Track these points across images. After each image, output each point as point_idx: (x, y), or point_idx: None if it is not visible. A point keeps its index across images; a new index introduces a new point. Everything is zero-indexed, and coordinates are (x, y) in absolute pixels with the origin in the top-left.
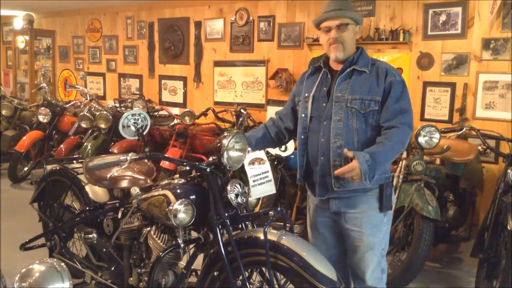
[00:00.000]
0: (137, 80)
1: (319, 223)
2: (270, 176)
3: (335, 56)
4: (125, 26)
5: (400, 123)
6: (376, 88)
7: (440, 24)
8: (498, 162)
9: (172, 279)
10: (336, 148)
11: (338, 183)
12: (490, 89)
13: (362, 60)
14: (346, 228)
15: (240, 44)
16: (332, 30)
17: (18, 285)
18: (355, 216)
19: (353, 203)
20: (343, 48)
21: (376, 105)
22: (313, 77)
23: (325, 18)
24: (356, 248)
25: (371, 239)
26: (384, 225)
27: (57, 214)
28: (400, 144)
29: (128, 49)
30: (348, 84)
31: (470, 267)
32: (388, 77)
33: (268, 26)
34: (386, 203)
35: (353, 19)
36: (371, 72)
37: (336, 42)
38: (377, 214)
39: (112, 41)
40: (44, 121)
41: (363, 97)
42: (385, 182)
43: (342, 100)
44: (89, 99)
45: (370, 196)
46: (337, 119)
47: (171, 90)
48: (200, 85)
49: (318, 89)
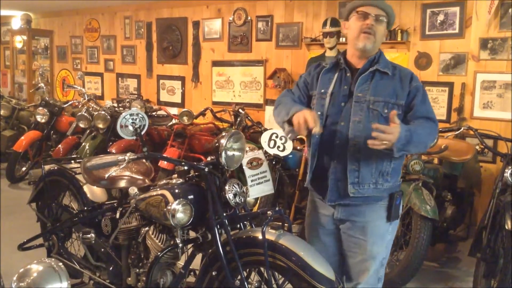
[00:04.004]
0: (135, 80)
1: (320, 231)
2: (268, 176)
3: (364, 44)
4: (123, 26)
5: (432, 121)
6: (401, 92)
7: (438, 24)
8: (496, 162)
9: (170, 279)
10: (354, 152)
11: (354, 189)
12: (488, 88)
13: (383, 61)
14: (349, 234)
15: (238, 44)
16: (369, 17)
17: (16, 285)
18: (361, 225)
19: (361, 211)
20: (374, 40)
21: (399, 109)
22: (329, 73)
23: (368, 3)
24: (356, 255)
25: (375, 248)
26: (388, 235)
27: (55, 214)
28: (430, 136)
29: (126, 49)
30: (370, 84)
31: (468, 267)
32: (413, 82)
33: (266, 26)
34: (394, 213)
35: (389, 16)
36: (394, 75)
37: (370, 31)
38: (384, 223)
39: (110, 41)
40: (42, 121)
41: (387, 99)
42: (396, 191)
43: (363, 101)
44: (87, 99)
45: (379, 205)
46: (357, 121)
47: (169, 90)
48: (198, 85)
49: (336, 86)
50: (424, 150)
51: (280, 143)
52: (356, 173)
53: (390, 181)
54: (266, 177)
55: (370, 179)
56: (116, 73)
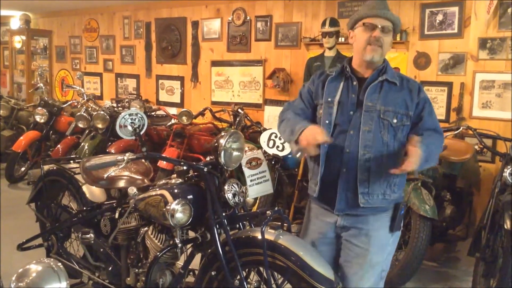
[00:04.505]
0: (134, 80)
1: (320, 239)
2: (267, 175)
3: (371, 57)
4: (122, 26)
5: (439, 133)
6: (410, 103)
7: (437, 24)
8: (495, 161)
9: (169, 279)
10: (364, 161)
11: (364, 199)
12: (487, 88)
13: (390, 71)
14: (351, 242)
15: (238, 44)
16: (376, 29)
17: (15, 285)
18: (364, 233)
19: (365, 220)
20: (381, 52)
21: (408, 120)
22: (335, 81)
23: (374, 14)
24: (356, 265)
25: (376, 258)
26: (389, 246)
27: (54, 214)
28: (440, 148)
29: (125, 49)
30: (380, 94)
31: (467, 266)
32: (421, 93)
33: (265, 26)
34: (397, 223)
35: (395, 25)
36: (402, 85)
37: (377, 43)
38: (386, 233)
39: (109, 41)
40: (41, 121)
41: (397, 110)
42: (400, 201)
43: (373, 110)
44: (86, 99)
45: (384, 215)
46: (367, 130)
47: (168, 90)
48: (197, 85)
49: (344, 95)
50: (435, 164)
51: (279, 142)
52: (366, 183)
53: (397, 192)
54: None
55: (379, 189)
56: (115, 73)
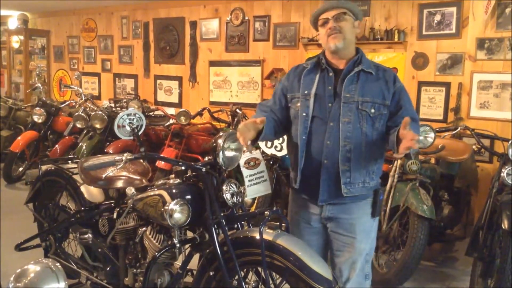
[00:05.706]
0: (132, 80)
1: (306, 229)
2: (265, 176)
3: (334, 45)
4: (120, 26)
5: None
6: (386, 92)
7: (435, 24)
8: (492, 162)
9: (167, 279)
10: (345, 152)
11: (347, 189)
12: (484, 88)
13: (365, 61)
14: (337, 232)
15: (236, 44)
16: (329, 21)
17: (13, 285)
18: (349, 222)
19: (348, 209)
20: (343, 37)
21: (385, 109)
22: (311, 74)
23: (322, 10)
24: (343, 253)
25: (362, 245)
26: (372, 231)
27: (52, 214)
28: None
29: (123, 49)
30: (357, 85)
31: (465, 266)
32: (397, 82)
33: (264, 26)
34: (378, 208)
35: (350, 10)
36: (378, 75)
37: (335, 31)
38: (369, 219)
39: (107, 41)
40: (39, 121)
41: (374, 100)
42: (379, 187)
43: (351, 102)
44: (84, 99)
45: (364, 202)
46: (346, 121)
47: (166, 90)
48: (195, 85)
49: (320, 87)
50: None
51: (277, 143)
52: (348, 173)
53: (375, 179)
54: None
55: (359, 178)
56: (113, 73)
